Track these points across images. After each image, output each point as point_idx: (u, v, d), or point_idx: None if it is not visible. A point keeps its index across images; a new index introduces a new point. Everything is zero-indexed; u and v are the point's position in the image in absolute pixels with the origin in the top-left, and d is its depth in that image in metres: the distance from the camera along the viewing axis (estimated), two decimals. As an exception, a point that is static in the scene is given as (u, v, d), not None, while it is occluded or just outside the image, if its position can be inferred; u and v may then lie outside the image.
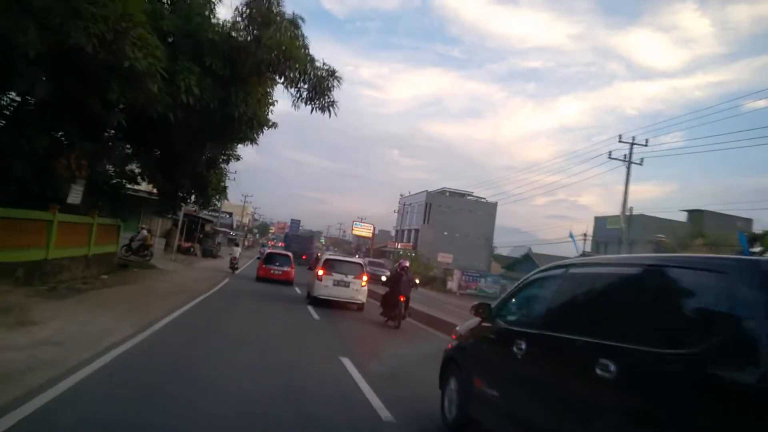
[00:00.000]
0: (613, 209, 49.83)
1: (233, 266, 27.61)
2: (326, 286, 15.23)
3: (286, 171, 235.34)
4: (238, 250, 30.78)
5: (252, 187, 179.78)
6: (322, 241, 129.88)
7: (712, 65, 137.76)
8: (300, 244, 50.82)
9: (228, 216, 67.89)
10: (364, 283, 15.73)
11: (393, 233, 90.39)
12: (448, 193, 75.09)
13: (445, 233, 71.46)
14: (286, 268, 23.43)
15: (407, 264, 14.99)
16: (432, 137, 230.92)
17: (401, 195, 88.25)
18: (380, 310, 14.18)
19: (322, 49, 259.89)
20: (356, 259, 22.93)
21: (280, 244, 69.24)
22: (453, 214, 71.46)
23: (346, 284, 15.35)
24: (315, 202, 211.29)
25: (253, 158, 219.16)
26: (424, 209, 72.42)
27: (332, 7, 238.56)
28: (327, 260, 16.27)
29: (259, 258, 28.91)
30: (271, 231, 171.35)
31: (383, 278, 21.07)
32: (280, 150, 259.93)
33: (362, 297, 15.79)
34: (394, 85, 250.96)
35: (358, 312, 15.84)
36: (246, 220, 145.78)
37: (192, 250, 36.62)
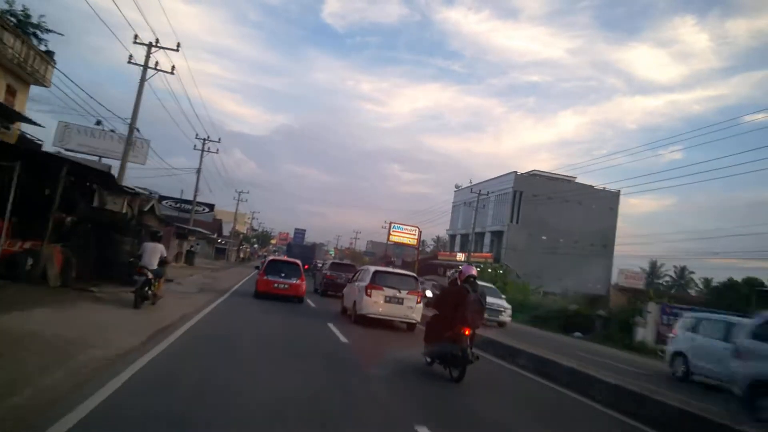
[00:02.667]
0: None
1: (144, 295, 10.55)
2: (376, 302, 13.27)
3: (286, 185, 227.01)
4: (156, 253, 11.08)
5: (252, 200, 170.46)
6: (332, 252, 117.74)
7: (710, 80, 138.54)
8: (303, 255, 42.95)
9: (206, 210, 42.92)
10: (419, 300, 13.85)
11: (424, 242, 65.41)
12: (540, 177, 50.32)
13: (544, 237, 46.79)
14: (294, 281, 17.27)
15: (474, 271, 8.50)
16: (433, 151, 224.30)
17: (456, 186, 63.79)
18: (423, 347, 8.67)
19: (323, 65, 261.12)
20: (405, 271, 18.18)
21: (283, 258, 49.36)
22: (554, 208, 46.90)
23: (400, 300, 13.47)
24: (315, 216, 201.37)
25: (254, 172, 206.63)
26: (512, 201, 47.77)
27: (333, 21, 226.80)
28: (376, 272, 14.34)
29: (258, 268, 20.60)
30: (272, 242, 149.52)
31: (428, 293, 14.93)
32: (281, 164, 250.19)
33: (417, 316, 13.79)
34: (395, 100, 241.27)
35: (396, 338, 12.51)
36: (244, 229, 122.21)
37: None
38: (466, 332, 7.72)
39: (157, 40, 20.99)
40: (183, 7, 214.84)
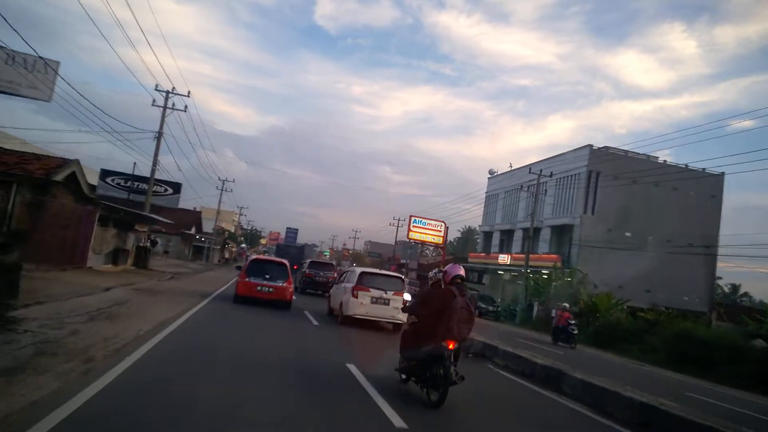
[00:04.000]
0: None
1: None
2: (362, 303, 13.23)
3: (277, 186, 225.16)
4: None
5: (242, 200, 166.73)
6: (326, 253, 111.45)
7: (698, 86, 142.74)
8: (293, 255, 37.37)
9: (169, 191, 30.44)
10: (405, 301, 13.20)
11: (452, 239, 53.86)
12: (616, 154, 38.37)
13: (628, 234, 35.08)
14: (280, 283, 15.28)
15: (462, 271, 7.09)
16: (423, 154, 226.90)
17: (490, 173, 51.98)
18: (399, 360, 7.13)
19: (315, 67, 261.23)
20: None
21: (268, 257, 42.23)
22: (639, 194, 35.29)
23: (386, 301, 13.35)
24: (306, 217, 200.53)
25: (245, 172, 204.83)
26: (586, 184, 35.92)
27: (325, 23, 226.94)
28: (363, 274, 14.20)
29: (239, 268, 17.83)
30: (261, 241, 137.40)
31: (406, 295, 13.69)
32: (272, 164, 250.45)
33: (403, 317, 11.88)
34: (386, 102, 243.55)
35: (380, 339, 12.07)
36: (232, 227, 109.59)
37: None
38: (451, 346, 6.21)
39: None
40: (175, 7, 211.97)
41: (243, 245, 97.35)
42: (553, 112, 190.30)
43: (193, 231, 54.91)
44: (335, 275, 23.45)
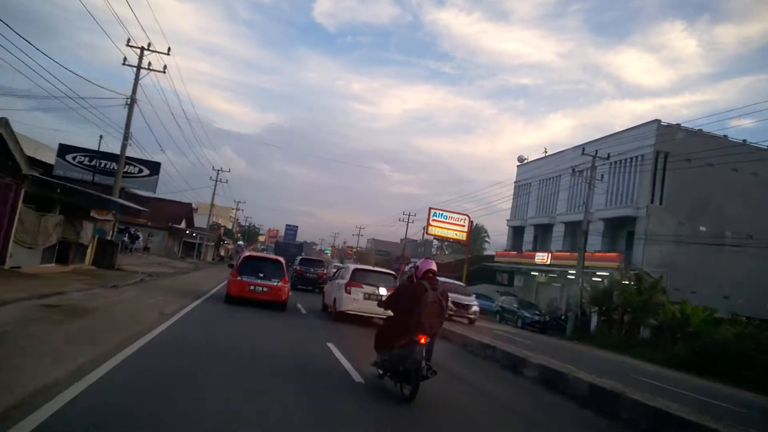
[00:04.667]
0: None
1: None
2: (355, 299, 13.46)
3: (276, 184, 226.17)
4: None
5: (241, 197, 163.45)
6: (328, 251, 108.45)
7: (698, 84, 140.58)
8: (291, 253, 37.41)
9: (144, 172, 24.24)
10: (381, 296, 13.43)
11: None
12: (684, 131, 32.33)
13: (702, 228, 29.23)
14: (274, 282, 14.20)
15: (434, 265, 6.83)
16: (422, 152, 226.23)
17: (519, 160, 46.16)
18: (374, 356, 6.99)
19: (314, 65, 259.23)
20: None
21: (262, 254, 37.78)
22: (717, 180, 29.49)
23: (378, 298, 12.75)
24: (306, 216, 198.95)
25: (244, 170, 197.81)
26: (653, 168, 29.92)
27: (324, 21, 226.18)
28: (356, 270, 14.56)
29: (231, 266, 16.84)
30: (260, 239, 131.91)
31: (382, 290, 13.43)
32: (271, 163, 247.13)
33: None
34: (386, 100, 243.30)
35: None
36: (229, 224, 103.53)
37: None
38: (422, 340, 6.19)
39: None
40: (175, 4, 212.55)
41: (240, 242, 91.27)
42: (553, 110, 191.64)
43: (183, 225, 48.88)
44: (325, 272, 25.12)
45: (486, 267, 45.33)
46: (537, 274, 39.39)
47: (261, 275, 14.16)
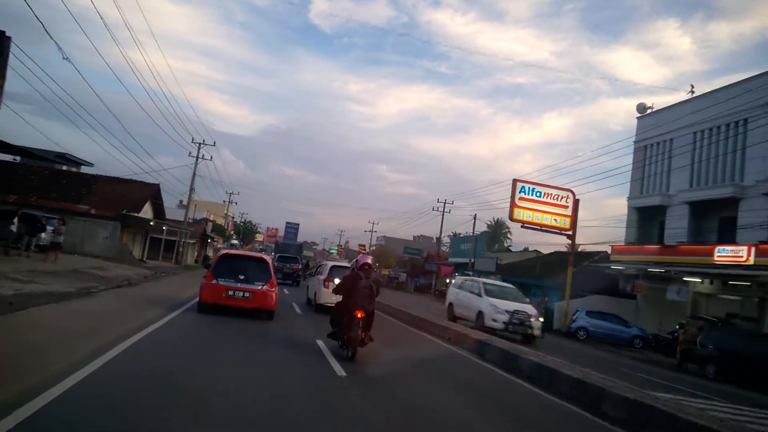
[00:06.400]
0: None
1: None
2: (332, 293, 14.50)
3: (275, 185, 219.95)
4: None
5: (239, 197, 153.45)
6: (333, 251, 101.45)
7: (693, 82, 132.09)
8: (292, 255, 36.42)
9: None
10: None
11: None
12: None
13: None
14: (259, 286, 11.74)
15: (370, 260, 9.69)
16: (419, 152, 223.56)
17: (639, 110, 31.57)
18: (330, 330, 9.51)
19: (310, 66, 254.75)
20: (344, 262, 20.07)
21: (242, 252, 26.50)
22: None
23: None
24: (303, 216, 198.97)
25: (243, 171, 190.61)
26: None
27: (320, 22, 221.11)
28: (333, 267, 16.20)
29: (207, 267, 16.25)
30: (257, 238, 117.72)
31: (336, 281, 13.91)
32: (268, 164, 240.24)
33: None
34: (382, 101, 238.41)
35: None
36: (225, 222, 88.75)
37: None
38: (358, 314, 8.56)
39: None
40: (170, 7, 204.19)
41: (234, 241, 76.40)
42: (549, 109, 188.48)
43: (150, 215, 34.17)
44: (300, 267, 31.56)
45: (594, 269, 30.74)
46: (700, 281, 24.97)
47: (241, 277, 11.71)
